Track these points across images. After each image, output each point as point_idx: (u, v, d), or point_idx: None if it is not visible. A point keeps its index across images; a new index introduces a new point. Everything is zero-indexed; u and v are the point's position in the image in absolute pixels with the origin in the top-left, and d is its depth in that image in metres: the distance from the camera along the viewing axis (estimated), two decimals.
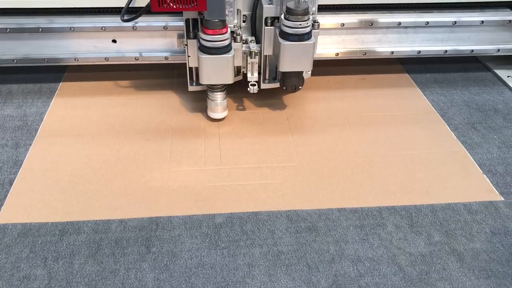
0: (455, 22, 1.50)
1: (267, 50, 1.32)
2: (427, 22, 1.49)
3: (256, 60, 1.31)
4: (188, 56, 1.31)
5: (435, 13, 1.51)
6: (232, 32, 1.27)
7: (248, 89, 1.33)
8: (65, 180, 1.18)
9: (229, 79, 1.28)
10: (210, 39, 1.21)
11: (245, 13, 1.36)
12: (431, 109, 1.48)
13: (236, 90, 1.48)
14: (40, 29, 1.39)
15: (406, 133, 1.37)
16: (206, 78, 1.28)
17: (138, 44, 1.44)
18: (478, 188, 1.19)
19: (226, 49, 1.23)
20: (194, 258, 1.00)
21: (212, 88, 1.34)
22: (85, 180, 1.18)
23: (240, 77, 1.39)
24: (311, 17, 1.23)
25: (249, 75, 1.34)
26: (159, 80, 1.58)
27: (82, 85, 1.55)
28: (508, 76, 1.64)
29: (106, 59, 1.45)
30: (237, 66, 1.35)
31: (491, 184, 1.20)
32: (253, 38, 1.36)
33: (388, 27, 1.49)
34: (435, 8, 1.53)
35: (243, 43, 1.31)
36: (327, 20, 1.45)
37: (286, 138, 1.34)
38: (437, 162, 1.27)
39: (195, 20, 1.26)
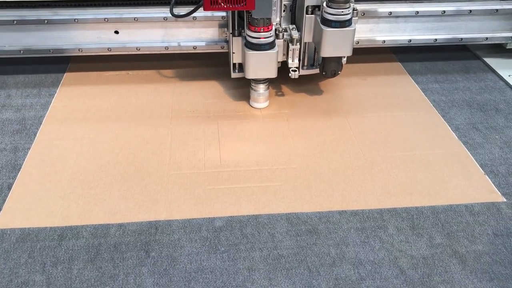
0: (444, 11, 1.55)
1: (307, 37, 1.40)
2: (417, 12, 1.55)
3: (297, 47, 1.39)
4: (233, 53, 1.39)
5: (425, 2, 1.56)
6: (275, 30, 1.35)
7: (290, 74, 1.41)
8: (64, 184, 1.18)
9: (273, 73, 1.36)
10: (257, 36, 1.29)
11: (285, 2, 1.43)
12: (432, 109, 1.47)
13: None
14: (46, 21, 1.45)
15: (407, 134, 1.36)
16: (252, 73, 1.35)
17: (140, 35, 1.49)
18: (480, 189, 1.18)
19: (271, 45, 1.32)
20: (193, 262, 1.00)
21: (256, 80, 1.41)
22: (84, 184, 1.18)
23: (278, 65, 1.42)
24: (352, 5, 1.30)
25: (289, 61, 1.41)
26: (158, 83, 1.57)
27: (81, 88, 1.54)
28: (509, 75, 1.63)
29: (109, 49, 1.51)
30: None
31: (493, 185, 1.19)
32: (294, 26, 1.42)
33: (380, 16, 1.55)
34: None
35: (284, 32, 1.38)
36: None
37: (286, 140, 1.33)
38: (438, 163, 1.26)
39: (239, 18, 1.35)
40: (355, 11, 1.35)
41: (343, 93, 1.53)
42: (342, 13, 1.28)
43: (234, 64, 1.44)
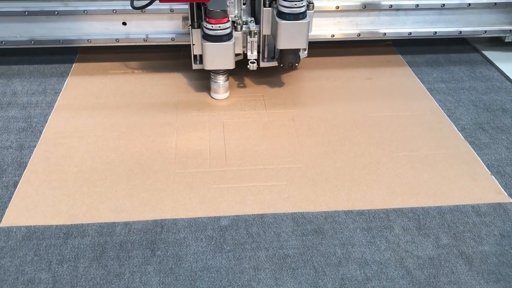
0: (444, 4, 1.59)
1: (266, 30, 1.42)
2: (417, 5, 1.58)
3: (256, 39, 1.41)
4: (193, 45, 1.42)
5: None
6: (233, 22, 1.38)
7: (248, 66, 1.43)
8: (70, 182, 1.18)
9: (231, 64, 1.39)
10: (213, 27, 1.32)
11: None
12: (438, 109, 1.46)
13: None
14: (56, 12, 1.50)
15: (413, 133, 1.36)
16: (210, 64, 1.38)
17: (147, 26, 1.54)
18: (487, 189, 1.18)
19: (227, 37, 1.34)
20: (199, 261, 0.99)
21: (215, 71, 1.44)
22: (90, 182, 1.18)
23: (240, 57, 1.48)
24: None
25: (248, 53, 1.43)
26: (163, 81, 1.57)
27: (86, 86, 1.54)
28: None
29: (117, 40, 1.56)
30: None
31: (500, 186, 1.19)
32: (253, 18, 1.45)
33: (380, 9, 1.58)
34: None
35: (243, 24, 1.41)
36: (323, 3, 1.54)
37: (292, 139, 1.33)
38: (444, 163, 1.25)
39: (198, 10, 1.36)
40: (310, 4, 1.39)
41: (348, 92, 1.53)
42: (296, 5, 1.31)
43: (195, 56, 1.45)
